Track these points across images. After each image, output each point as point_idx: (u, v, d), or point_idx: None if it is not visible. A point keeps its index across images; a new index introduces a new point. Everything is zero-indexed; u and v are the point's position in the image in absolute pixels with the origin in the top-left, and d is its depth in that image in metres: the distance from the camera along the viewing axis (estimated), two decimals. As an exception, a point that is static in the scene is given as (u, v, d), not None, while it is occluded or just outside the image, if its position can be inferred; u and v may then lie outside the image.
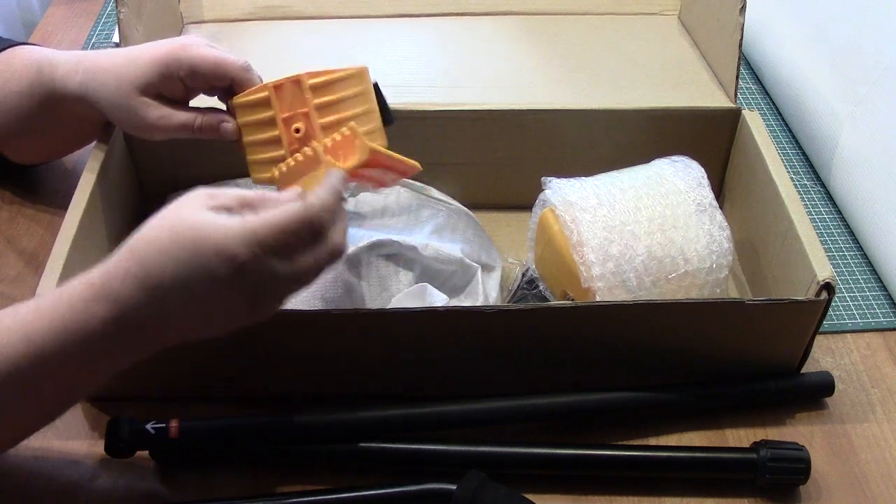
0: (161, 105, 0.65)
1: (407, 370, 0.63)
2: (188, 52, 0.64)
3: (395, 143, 0.63)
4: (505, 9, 0.89)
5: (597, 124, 0.76)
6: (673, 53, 0.83)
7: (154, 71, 0.63)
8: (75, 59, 0.67)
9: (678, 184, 0.66)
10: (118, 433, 0.57)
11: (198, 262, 0.47)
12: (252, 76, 0.65)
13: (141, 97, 0.64)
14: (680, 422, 0.64)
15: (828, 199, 0.85)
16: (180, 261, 0.47)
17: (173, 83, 0.64)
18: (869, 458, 0.63)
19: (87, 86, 0.65)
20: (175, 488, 0.60)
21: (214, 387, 0.64)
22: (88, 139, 0.73)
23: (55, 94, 0.67)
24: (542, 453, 0.60)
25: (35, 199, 0.82)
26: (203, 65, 0.63)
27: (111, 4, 1.11)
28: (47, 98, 0.68)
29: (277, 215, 0.49)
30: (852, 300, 0.75)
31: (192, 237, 0.48)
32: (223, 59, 0.64)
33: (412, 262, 0.68)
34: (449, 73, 0.80)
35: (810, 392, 0.66)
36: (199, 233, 0.48)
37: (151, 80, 0.64)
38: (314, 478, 0.60)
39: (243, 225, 0.48)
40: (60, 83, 0.67)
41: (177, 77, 0.64)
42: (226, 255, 0.47)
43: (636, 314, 0.60)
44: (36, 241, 0.78)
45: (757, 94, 0.99)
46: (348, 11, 0.88)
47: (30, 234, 0.79)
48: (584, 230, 0.63)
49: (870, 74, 0.81)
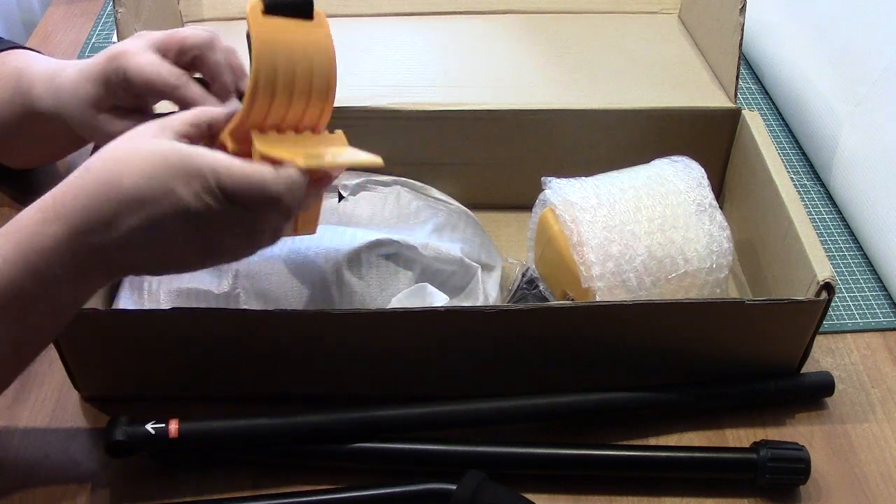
0: (118, 118, 0.60)
1: (407, 370, 0.63)
2: (121, 61, 0.57)
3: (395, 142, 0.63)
4: (505, 8, 0.89)
5: (597, 124, 0.76)
6: (673, 53, 0.83)
7: (99, 85, 0.59)
8: (49, 76, 0.64)
9: (678, 184, 0.66)
10: (118, 433, 0.57)
11: (159, 177, 0.46)
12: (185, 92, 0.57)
13: (99, 114, 0.60)
14: (680, 422, 0.64)
15: (828, 199, 0.85)
16: (139, 174, 0.46)
17: (121, 94, 0.59)
18: (869, 458, 0.63)
19: (57, 105, 0.62)
20: (175, 488, 0.60)
21: (214, 387, 0.64)
22: (76, 148, 0.72)
23: (32, 111, 0.65)
24: (542, 453, 0.60)
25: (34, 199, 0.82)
26: (136, 78, 0.57)
27: (111, 4, 1.10)
28: (24, 114, 0.66)
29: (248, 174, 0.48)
30: (852, 300, 0.75)
31: (160, 153, 0.47)
32: (155, 76, 0.57)
33: (412, 262, 0.68)
34: (449, 73, 0.80)
35: (810, 392, 0.66)
36: (168, 151, 0.47)
37: (100, 94, 0.59)
38: (314, 478, 0.60)
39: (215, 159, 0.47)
40: (36, 100, 0.64)
41: (120, 88, 0.58)
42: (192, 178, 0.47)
43: (636, 314, 0.60)
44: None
45: (757, 94, 0.99)
46: (348, 10, 0.88)
47: (29, 234, 0.79)
48: (584, 230, 0.63)
49: (870, 74, 0.81)
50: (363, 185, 0.73)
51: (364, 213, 0.71)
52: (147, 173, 0.46)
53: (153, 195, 0.46)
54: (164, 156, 0.47)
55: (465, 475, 0.56)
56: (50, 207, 0.48)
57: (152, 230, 0.48)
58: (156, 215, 0.47)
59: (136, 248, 0.48)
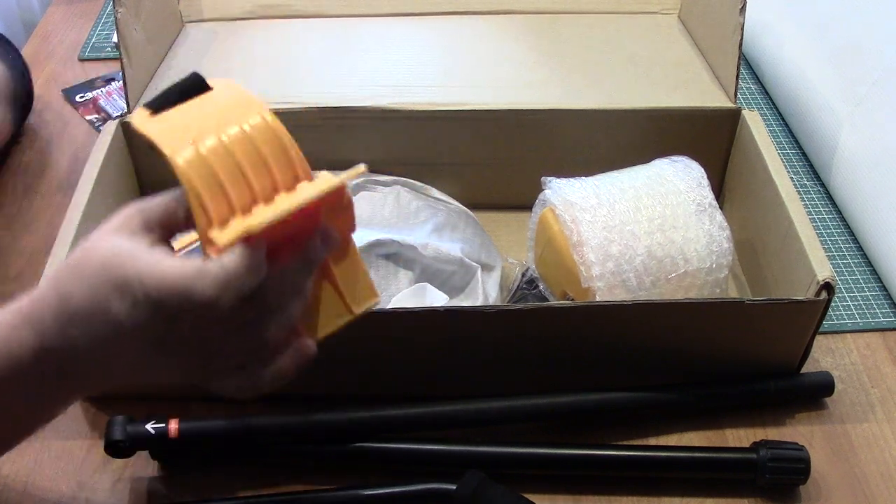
0: None
1: (407, 370, 0.63)
2: None
3: (395, 142, 0.63)
4: (505, 8, 0.89)
5: (597, 124, 0.76)
6: (673, 53, 0.83)
7: None
8: None
9: (678, 184, 0.66)
10: (118, 433, 0.57)
11: (98, 290, 0.42)
12: None
13: None
14: (680, 422, 0.64)
15: (828, 199, 0.85)
16: (85, 287, 0.42)
17: None
18: (869, 458, 0.63)
19: None
20: (175, 488, 0.60)
21: (214, 387, 0.64)
22: None
23: None
24: (542, 453, 0.60)
25: (35, 199, 0.82)
26: None
27: (111, 4, 1.10)
28: None
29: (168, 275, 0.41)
30: (852, 300, 0.75)
31: (101, 262, 0.42)
32: None
33: (412, 262, 0.68)
34: (449, 73, 0.80)
35: (810, 392, 0.66)
36: (107, 259, 0.42)
37: None
38: (314, 478, 0.60)
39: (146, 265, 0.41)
40: None
41: None
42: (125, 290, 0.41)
43: (636, 314, 0.60)
44: (36, 241, 0.78)
45: (757, 93, 0.99)
46: (348, 10, 0.88)
47: (29, 234, 0.79)
48: (584, 230, 0.63)
49: (870, 74, 0.81)
50: (363, 185, 0.73)
51: (364, 213, 0.71)
52: (89, 286, 0.42)
53: (98, 312, 0.42)
54: (103, 265, 0.42)
55: (465, 475, 0.56)
56: (25, 313, 0.44)
57: (108, 346, 0.43)
58: (100, 333, 0.42)
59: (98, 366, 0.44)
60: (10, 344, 0.44)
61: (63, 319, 0.43)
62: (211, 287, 0.40)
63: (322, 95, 0.76)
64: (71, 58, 1.03)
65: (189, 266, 0.41)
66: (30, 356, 0.43)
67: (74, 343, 0.43)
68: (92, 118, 0.93)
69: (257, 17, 0.87)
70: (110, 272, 0.42)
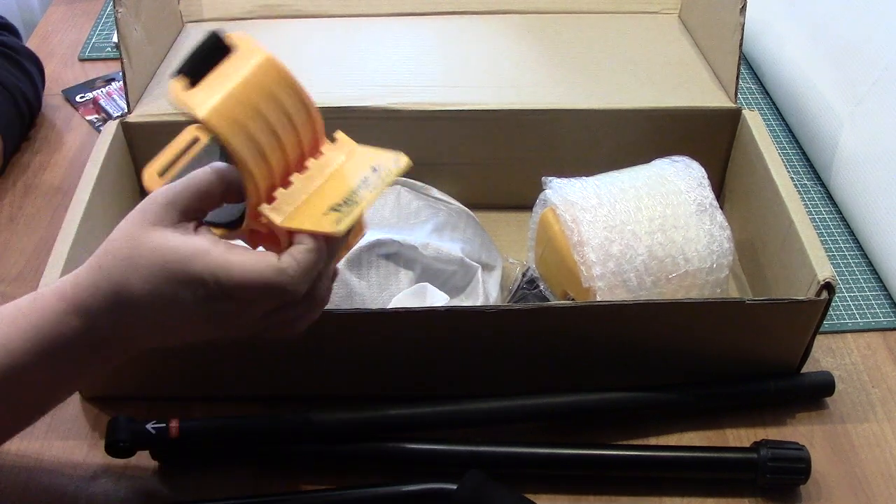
0: None
1: (407, 370, 0.63)
2: None
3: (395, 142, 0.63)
4: (505, 8, 0.89)
5: (597, 124, 0.76)
6: (673, 53, 0.83)
7: None
8: None
9: (679, 184, 0.66)
10: (118, 433, 0.57)
11: (162, 285, 0.46)
12: None
13: None
14: (680, 422, 0.64)
15: (828, 199, 0.85)
16: (144, 281, 0.46)
17: None
18: (869, 457, 0.63)
19: None
20: (175, 488, 0.60)
21: (214, 387, 0.64)
22: None
23: None
24: (542, 453, 0.60)
25: (35, 199, 0.82)
26: None
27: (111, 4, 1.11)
28: None
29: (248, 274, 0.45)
30: (852, 300, 0.75)
31: (161, 259, 0.46)
32: None
33: (412, 262, 0.68)
34: (449, 73, 0.80)
35: (810, 392, 0.66)
36: (166, 256, 0.46)
37: None
38: (314, 478, 0.60)
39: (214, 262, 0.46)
40: None
41: None
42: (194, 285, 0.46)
43: (636, 314, 0.60)
44: (36, 241, 0.78)
45: (757, 93, 0.99)
46: (348, 10, 0.88)
47: (30, 234, 0.79)
48: (584, 230, 0.63)
49: (870, 74, 0.81)
50: (363, 185, 0.72)
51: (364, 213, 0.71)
52: (152, 282, 0.46)
53: (162, 303, 0.47)
54: (164, 264, 0.46)
55: (466, 475, 0.56)
56: (70, 299, 0.48)
57: (166, 326, 0.48)
58: (166, 319, 0.48)
59: (151, 338, 0.50)
60: (60, 328, 0.47)
61: (121, 310, 0.47)
62: (290, 282, 0.46)
63: (322, 95, 0.74)
64: (71, 58, 1.03)
65: (264, 263, 0.46)
66: (80, 337, 0.48)
67: (132, 330, 0.48)
68: (92, 118, 0.93)
69: (257, 17, 0.87)
70: (175, 269, 0.46)
